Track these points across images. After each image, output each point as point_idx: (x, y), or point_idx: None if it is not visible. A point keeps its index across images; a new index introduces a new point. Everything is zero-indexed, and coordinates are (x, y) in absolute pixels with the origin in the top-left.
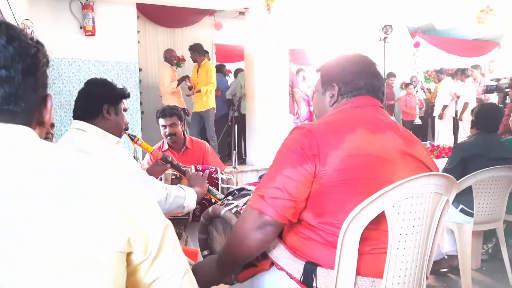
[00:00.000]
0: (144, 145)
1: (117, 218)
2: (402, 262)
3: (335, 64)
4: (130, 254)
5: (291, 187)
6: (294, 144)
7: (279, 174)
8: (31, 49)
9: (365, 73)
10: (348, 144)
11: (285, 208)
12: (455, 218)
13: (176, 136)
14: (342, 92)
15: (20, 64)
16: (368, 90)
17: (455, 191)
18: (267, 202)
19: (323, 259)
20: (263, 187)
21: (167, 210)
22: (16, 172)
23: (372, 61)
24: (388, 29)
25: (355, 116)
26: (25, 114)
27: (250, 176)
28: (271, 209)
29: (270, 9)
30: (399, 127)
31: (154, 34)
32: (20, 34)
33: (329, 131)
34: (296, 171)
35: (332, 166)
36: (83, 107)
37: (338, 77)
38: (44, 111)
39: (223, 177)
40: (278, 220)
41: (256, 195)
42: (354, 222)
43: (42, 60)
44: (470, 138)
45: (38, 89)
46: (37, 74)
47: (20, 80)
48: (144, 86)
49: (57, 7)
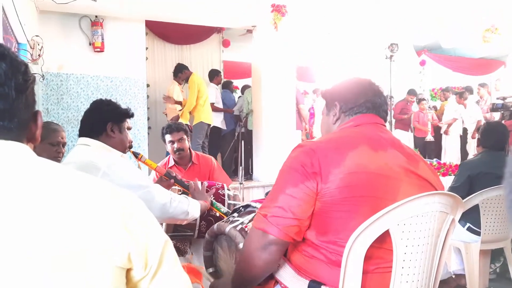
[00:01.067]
0: (148, 161)
1: (117, 233)
2: (408, 282)
3: (337, 86)
4: (130, 271)
5: (294, 206)
6: (296, 162)
7: (281, 193)
8: (21, 67)
9: (366, 91)
10: (350, 162)
11: (288, 226)
12: (462, 237)
13: (184, 152)
14: (343, 110)
15: (12, 81)
16: (369, 108)
17: (461, 210)
18: (270, 221)
19: (327, 278)
20: (266, 206)
21: (172, 214)
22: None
23: (374, 81)
24: (394, 47)
25: (356, 134)
26: (18, 131)
27: (257, 192)
28: (275, 228)
29: (278, 27)
30: (401, 145)
31: (162, 51)
32: (9, 52)
33: (330, 148)
34: (298, 189)
35: (333, 184)
36: (88, 125)
37: (339, 96)
38: (33, 127)
39: (229, 193)
40: (282, 239)
41: (260, 215)
42: (358, 240)
43: (31, 77)
44: (476, 156)
45: (29, 105)
46: (27, 91)
47: (14, 97)
48: (152, 101)
49: (67, 24)
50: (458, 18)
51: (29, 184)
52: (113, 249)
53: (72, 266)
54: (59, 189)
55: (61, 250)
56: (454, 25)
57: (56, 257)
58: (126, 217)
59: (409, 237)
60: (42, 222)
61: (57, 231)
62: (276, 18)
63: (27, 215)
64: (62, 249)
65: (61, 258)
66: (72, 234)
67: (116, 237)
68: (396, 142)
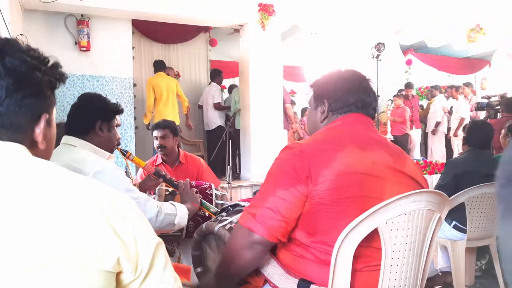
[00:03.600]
0: (136, 160)
1: (106, 237)
2: (396, 279)
3: (327, 80)
4: (120, 274)
5: (283, 208)
6: (286, 165)
7: (271, 195)
8: (22, 67)
9: (355, 89)
10: (338, 163)
11: (275, 227)
12: (448, 235)
13: (166, 149)
14: (332, 108)
15: (5, 80)
16: (358, 107)
17: (447, 208)
18: (258, 221)
19: (316, 277)
20: (255, 206)
21: (158, 227)
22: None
23: (365, 76)
24: (380, 47)
25: (344, 134)
26: (13, 131)
27: (244, 192)
28: (261, 228)
29: (265, 27)
30: (388, 144)
31: (149, 50)
32: (15, 51)
33: (319, 150)
34: (288, 192)
35: (323, 186)
36: (76, 122)
37: (329, 93)
38: (36, 129)
39: (217, 193)
40: (268, 239)
41: (248, 214)
42: (347, 239)
43: (39, 79)
44: (462, 154)
45: (28, 106)
46: (25, 92)
47: (3, 97)
48: (139, 101)
49: (52, 23)
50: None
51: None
52: (102, 253)
53: (60, 269)
54: (48, 190)
55: (48, 253)
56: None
57: (43, 260)
58: (117, 222)
59: (397, 235)
60: (31, 223)
61: (44, 233)
62: (263, 17)
63: (14, 216)
64: (49, 252)
65: (49, 261)
66: (60, 237)
67: (106, 242)
68: (383, 141)
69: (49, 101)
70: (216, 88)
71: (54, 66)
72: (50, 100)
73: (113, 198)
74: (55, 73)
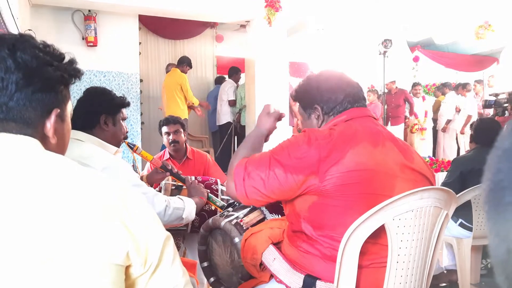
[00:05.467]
0: (143, 153)
1: (116, 231)
2: (402, 276)
3: (308, 87)
4: (129, 267)
5: (274, 186)
6: (299, 150)
7: (270, 168)
8: (33, 62)
9: (339, 86)
10: (349, 160)
11: (256, 199)
12: (454, 233)
13: (179, 144)
14: (326, 111)
15: (15, 75)
16: (350, 102)
17: (454, 205)
18: (245, 186)
19: (322, 273)
20: (253, 165)
21: (166, 221)
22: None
23: (340, 72)
24: (387, 43)
25: (357, 128)
26: (22, 125)
27: None
28: (244, 193)
29: (271, 22)
30: (396, 139)
31: (155, 46)
32: (26, 47)
33: (332, 145)
34: (285, 176)
35: (330, 181)
36: (81, 117)
37: (316, 97)
38: (47, 124)
39: (223, 188)
40: (242, 203)
41: (243, 168)
42: (354, 235)
43: (50, 74)
44: (469, 152)
45: (39, 101)
46: (36, 86)
47: (13, 91)
48: (145, 96)
49: (60, 18)
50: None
51: (26, 177)
52: (111, 247)
53: (71, 262)
54: (59, 184)
55: (59, 245)
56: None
57: (54, 253)
58: (127, 216)
59: (404, 232)
60: (42, 216)
61: (55, 226)
62: (270, 13)
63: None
64: (60, 245)
65: (59, 254)
66: (71, 230)
67: (115, 235)
68: (391, 136)
69: (61, 97)
70: (230, 85)
71: (69, 62)
72: (63, 95)
73: (122, 193)
74: (69, 69)
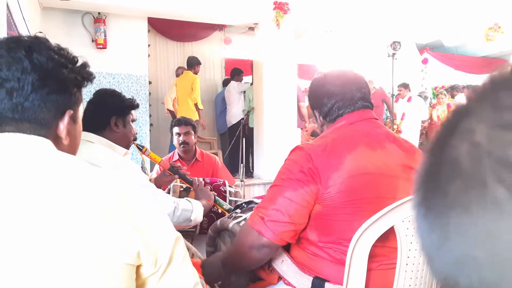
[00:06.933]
0: (152, 155)
1: (127, 231)
2: (411, 278)
3: (312, 90)
4: (140, 267)
5: (292, 210)
6: (295, 166)
7: (279, 196)
8: (49, 64)
9: (331, 90)
10: (349, 165)
11: (284, 232)
12: None
13: (188, 146)
14: (323, 116)
15: (31, 76)
16: (340, 107)
17: None
18: (267, 225)
19: (331, 275)
20: (263, 207)
21: (175, 223)
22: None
23: (341, 72)
24: (396, 45)
25: (353, 133)
26: (37, 126)
27: (257, 190)
28: (270, 232)
29: (280, 25)
30: (396, 139)
31: (164, 48)
32: (42, 49)
33: (328, 152)
34: (297, 193)
35: (334, 188)
36: (91, 119)
37: (315, 103)
38: (60, 125)
39: (230, 190)
40: (276, 243)
41: (257, 216)
42: (363, 237)
43: (65, 76)
44: None
45: (53, 102)
46: (51, 88)
47: (29, 91)
48: (154, 98)
49: (70, 21)
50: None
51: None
52: (122, 247)
53: (82, 262)
54: (71, 183)
55: (70, 245)
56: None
57: (65, 252)
58: (137, 216)
59: (413, 234)
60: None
61: (67, 225)
62: (278, 15)
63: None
64: (71, 244)
65: (70, 253)
66: (83, 230)
67: (126, 235)
68: (391, 137)
69: (74, 99)
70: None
71: (82, 65)
72: (76, 97)
73: (134, 193)
74: (82, 72)
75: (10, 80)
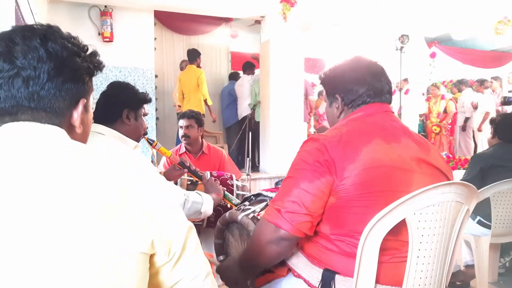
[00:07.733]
0: (162, 149)
1: (141, 220)
2: (422, 271)
3: (334, 74)
4: (153, 256)
5: (308, 201)
6: (310, 157)
7: (295, 188)
8: (63, 52)
9: (363, 78)
10: (364, 157)
11: (301, 223)
12: (472, 230)
13: (190, 139)
14: (346, 103)
15: (47, 64)
16: (371, 96)
17: (475, 201)
18: (284, 217)
19: (341, 267)
20: (279, 200)
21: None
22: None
23: (372, 61)
24: (404, 39)
25: (369, 126)
26: (52, 114)
27: (263, 184)
28: (288, 224)
29: (286, 18)
30: (412, 133)
31: (170, 41)
32: (57, 37)
33: (344, 143)
34: (313, 185)
35: (349, 180)
36: (103, 111)
37: (339, 87)
38: (74, 114)
39: (238, 183)
40: (295, 234)
41: (273, 209)
42: (374, 229)
43: (79, 65)
44: (489, 148)
45: (68, 91)
46: (66, 76)
47: (45, 80)
48: (160, 92)
49: (76, 14)
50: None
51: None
52: (137, 236)
53: (96, 252)
54: (86, 173)
55: (86, 233)
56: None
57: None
58: (151, 205)
59: (425, 227)
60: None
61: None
62: (285, 8)
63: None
64: (85, 234)
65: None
66: (98, 219)
67: (140, 225)
68: (407, 131)
69: (87, 87)
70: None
71: (92, 54)
72: (88, 86)
73: (147, 183)
74: (94, 61)
75: (26, 68)
